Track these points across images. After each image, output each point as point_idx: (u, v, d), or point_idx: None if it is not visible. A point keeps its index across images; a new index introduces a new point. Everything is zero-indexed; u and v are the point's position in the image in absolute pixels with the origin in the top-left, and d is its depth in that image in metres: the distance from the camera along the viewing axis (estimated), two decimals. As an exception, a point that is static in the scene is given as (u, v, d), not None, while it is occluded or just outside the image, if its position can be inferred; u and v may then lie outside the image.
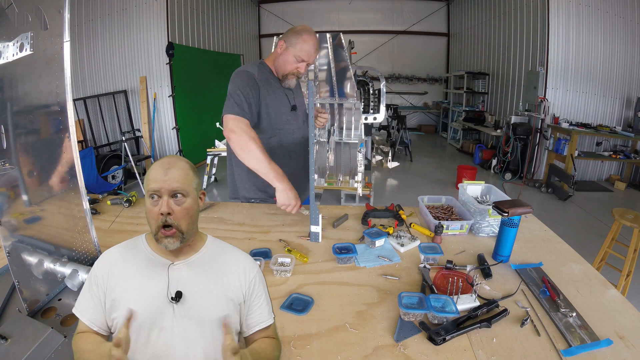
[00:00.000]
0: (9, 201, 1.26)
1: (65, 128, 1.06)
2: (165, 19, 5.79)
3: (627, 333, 1.05)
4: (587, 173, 6.11)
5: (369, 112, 4.18)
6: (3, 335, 0.98)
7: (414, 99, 10.80)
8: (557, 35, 5.54)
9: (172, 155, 0.93)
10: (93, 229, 1.17)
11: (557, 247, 1.60)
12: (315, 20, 10.17)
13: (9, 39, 1.12)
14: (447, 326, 1.05)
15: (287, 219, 1.87)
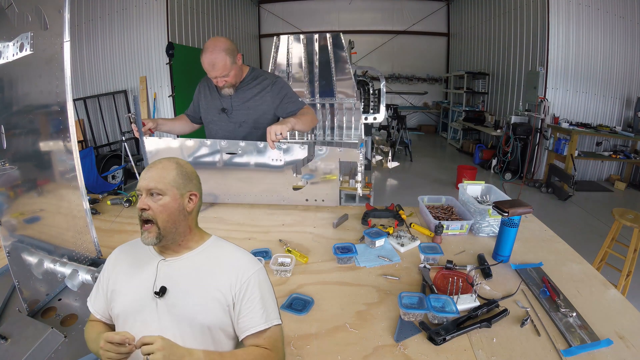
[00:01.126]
0: (9, 201, 1.25)
1: (65, 128, 1.06)
2: (165, 19, 5.78)
3: (627, 333, 1.05)
4: (587, 173, 6.10)
5: (369, 112, 4.17)
6: (3, 335, 0.98)
7: (414, 99, 10.79)
8: (557, 35, 5.53)
9: (167, 157, 0.96)
10: (93, 229, 1.17)
11: (557, 247, 1.60)
12: (315, 20, 10.16)
13: (9, 39, 1.12)
14: (447, 326, 1.05)
15: (287, 219, 1.87)
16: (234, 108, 1.95)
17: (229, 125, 1.99)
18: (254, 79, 1.95)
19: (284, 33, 3.24)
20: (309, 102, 2.93)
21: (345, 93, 2.86)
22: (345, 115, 3.00)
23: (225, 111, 1.97)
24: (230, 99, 1.94)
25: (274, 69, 2.79)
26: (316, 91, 2.87)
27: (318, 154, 1.92)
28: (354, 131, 3.04)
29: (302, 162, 1.94)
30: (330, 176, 1.97)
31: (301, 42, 2.66)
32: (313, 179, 1.98)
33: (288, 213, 1.94)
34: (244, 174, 2.00)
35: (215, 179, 2.02)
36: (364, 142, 2.84)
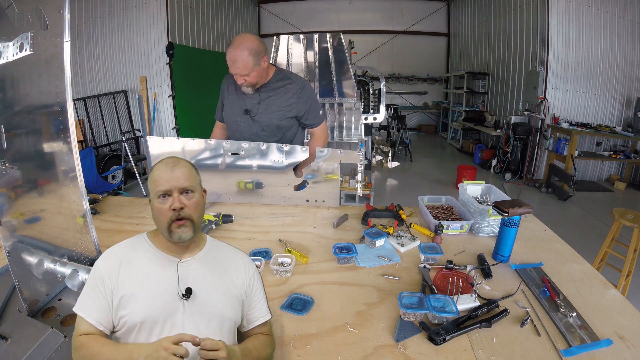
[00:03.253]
0: (9, 201, 1.25)
1: (65, 128, 1.06)
2: (165, 19, 5.78)
3: (627, 333, 1.05)
4: (587, 173, 6.10)
5: (369, 112, 4.16)
6: (3, 335, 0.98)
7: (414, 99, 10.79)
8: (557, 35, 5.53)
9: (172, 156, 0.95)
10: (93, 229, 1.17)
11: (557, 247, 1.60)
12: (315, 20, 10.16)
13: (9, 39, 1.12)
14: (447, 326, 1.05)
15: (287, 219, 1.87)
16: (259, 110, 1.91)
17: (252, 127, 1.95)
18: (280, 80, 1.90)
19: (284, 33, 3.24)
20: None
21: (345, 93, 2.86)
22: (345, 115, 3.00)
23: (248, 112, 1.92)
24: (254, 100, 1.90)
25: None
26: (316, 91, 2.87)
27: (319, 155, 1.92)
28: (354, 131, 3.04)
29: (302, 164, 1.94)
30: (330, 176, 1.97)
31: (301, 42, 2.66)
32: (314, 179, 1.98)
33: (288, 213, 1.94)
34: (244, 174, 2.01)
35: (217, 179, 2.02)
36: (364, 142, 2.84)
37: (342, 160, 1.93)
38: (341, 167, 1.97)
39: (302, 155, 1.91)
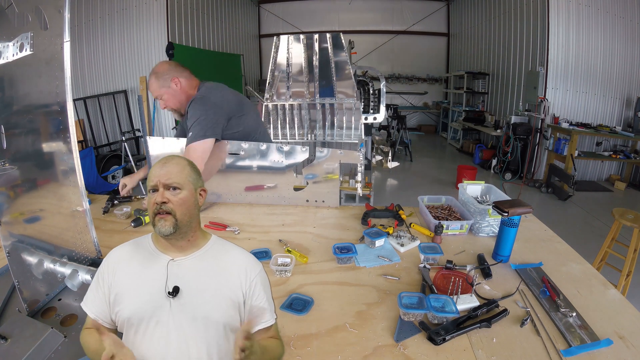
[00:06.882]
0: (9, 201, 1.25)
1: (65, 128, 1.06)
2: (165, 19, 5.78)
3: (627, 333, 1.05)
4: (587, 173, 6.10)
5: (369, 112, 4.17)
6: (3, 335, 0.98)
7: (414, 99, 10.79)
8: (557, 35, 5.53)
9: (171, 155, 0.96)
10: (93, 229, 1.17)
11: (557, 247, 1.60)
12: (315, 20, 10.16)
13: (9, 39, 1.12)
14: (447, 326, 1.05)
15: (287, 219, 1.87)
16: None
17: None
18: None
19: (284, 33, 3.24)
20: (309, 102, 2.93)
21: (345, 93, 2.86)
22: (345, 115, 3.00)
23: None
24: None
25: (274, 69, 2.79)
26: (316, 91, 2.87)
27: (319, 155, 1.92)
28: (354, 131, 3.04)
29: (302, 163, 1.94)
30: (330, 176, 1.97)
31: (301, 42, 2.66)
32: (314, 179, 1.98)
33: (288, 213, 1.94)
34: (245, 174, 2.00)
35: (217, 180, 2.02)
36: (364, 142, 2.84)
37: (342, 160, 1.93)
38: (341, 167, 1.97)
39: (302, 154, 1.90)
